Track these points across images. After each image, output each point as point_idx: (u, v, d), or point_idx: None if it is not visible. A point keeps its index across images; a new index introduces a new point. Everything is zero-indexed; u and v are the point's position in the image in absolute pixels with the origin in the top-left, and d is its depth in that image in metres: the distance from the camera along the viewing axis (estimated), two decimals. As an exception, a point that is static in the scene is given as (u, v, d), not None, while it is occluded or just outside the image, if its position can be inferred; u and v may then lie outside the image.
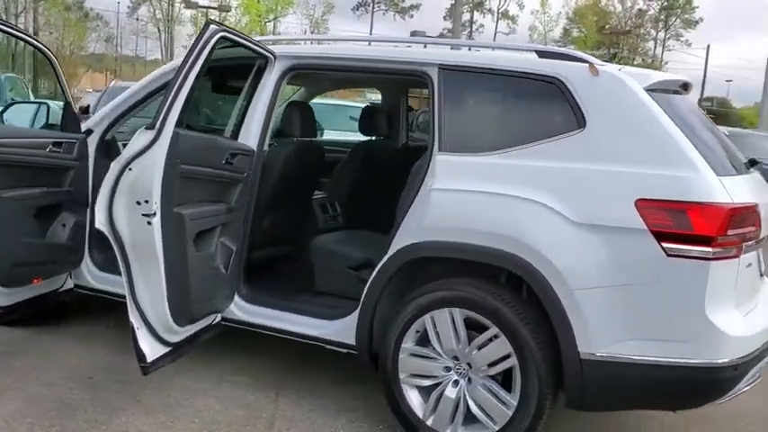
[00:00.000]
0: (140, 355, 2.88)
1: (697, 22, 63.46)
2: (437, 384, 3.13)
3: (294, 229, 4.14)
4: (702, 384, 2.78)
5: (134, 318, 2.88)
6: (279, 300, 3.57)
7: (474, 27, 66.83)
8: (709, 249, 2.68)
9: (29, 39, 4.23)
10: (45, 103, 3.99)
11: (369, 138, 4.67)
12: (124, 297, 3.44)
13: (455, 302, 3.04)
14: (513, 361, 2.94)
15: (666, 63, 66.84)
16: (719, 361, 2.74)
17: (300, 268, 3.91)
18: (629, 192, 2.79)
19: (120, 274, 2.90)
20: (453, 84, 3.24)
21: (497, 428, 2.99)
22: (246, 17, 45.67)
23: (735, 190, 2.82)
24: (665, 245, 2.71)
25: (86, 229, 3.85)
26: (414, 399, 3.18)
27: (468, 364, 3.06)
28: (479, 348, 3.02)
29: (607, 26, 61.11)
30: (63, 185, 3.73)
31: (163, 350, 3.03)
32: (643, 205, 2.75)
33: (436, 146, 3.19)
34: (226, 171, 3.32)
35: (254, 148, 3.50)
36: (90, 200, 3.78)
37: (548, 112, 3.08)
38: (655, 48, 66.62)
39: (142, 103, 4.00)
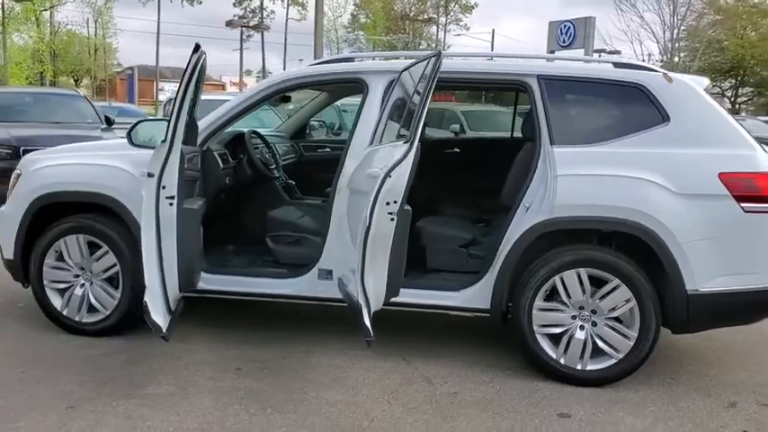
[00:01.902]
0: (366, 332, 3.37)
1: (473, 7, 69.08)
2: (566, 331, 3.94)
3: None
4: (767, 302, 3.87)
5: (362, 299, 3.36)
6: (412, 279, 4.14)
7: (264, 14, 67.43)
8: (773, 205, 3.77)
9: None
10: (167, 120, 4.16)
11: None
12: (224, 294, 4.10)
13: (582, 263, 3.87)
14: (632, 303, 3.83)
15: (449, 47, 72.00)
16: (781, 284, 3.84)
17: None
18: (713, 167, 3.78)
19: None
20: (552, 90, 4.04)
21: (621, 356, 3.87)
22: (19, 6, 42.00)
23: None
24: (742, 204, 3.74)
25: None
26: (546, 345, 3.97)
27: (593, 311, 3.90)
28: (602, 298, 3.87)
29: (392, 11, 64.37)
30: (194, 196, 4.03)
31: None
32: (724, 177, 3.76)
33: (546, 140, 3.97)
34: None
35: None
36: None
37: (636, 111, 3.97)
38: (437, 32, 71.35)
39: (241, 116, 4.36)
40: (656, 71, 4.07)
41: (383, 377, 3.98)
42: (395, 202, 3.21)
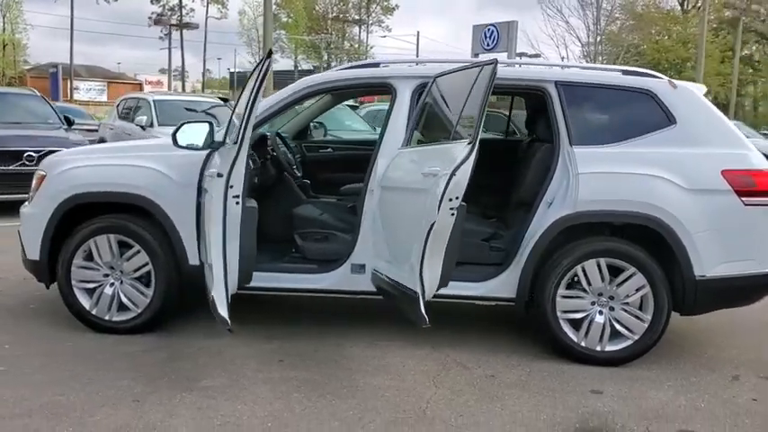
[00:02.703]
0: (422, 319, 3.62)
1: (394, 9, 70.00)
2: (586, 316, 4.29)
3: None
4: (764, 285, 4.33)
5: (419, 288, 3.61)
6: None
7: (184, 12, 66.33)
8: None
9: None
10: (211, 122, 4.27)
11: None
12: (261, 290, 4.42)
13: (602, 254, 4.23)
14: (646, 289, 4.22)
15: (372, 47, 72.79)
16: (775, 269, 4.32)
17: None
18: (716, 165, 4.21)
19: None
20: (569, 95, 4.40)
21: (637, 337, 4.26)
22: None
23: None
24: (742, 198, 4.19)
25: None
26: (568, 330, 4.31)
27: (611, 297, 4.27)
28: (619, 285, 4.25)
29: (314, 11, 64.44)
30: None
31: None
32: (726, 174, 4.20)
33: (566, 141, 4.32)
34: None
35: None
36: None
37: (645, 114, 4.36)
38: (359, 33, 71.95)
39: (272, 118, 4.54)
40: (661, 78, 4.48)
41: (420, 364, 4.23)
42: (456, 198, 3.47)
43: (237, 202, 3.58)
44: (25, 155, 8.72)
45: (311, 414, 3.51)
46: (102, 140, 11.59)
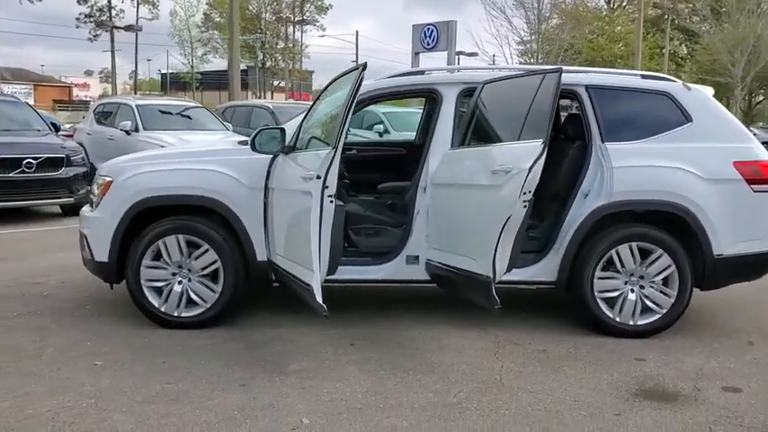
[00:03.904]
0: (494, 300, 4.08)
1: (327, 8, 70.39)
2: (620, 294, 4.83)
3: None
4: (774, 260, 4.97)
5: (491, 273, 4.06)
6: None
7: (113, 12, 64.99)
8: (773, 186, 4.86)
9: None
10: (283, 128, 4.58)
11: None
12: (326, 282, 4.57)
13: (634, 238, 4.77)
14: (672, 268, 4.78)
15: (307, 47, 72.88)
16: (785, 246, 4.95)
17: None
18: (729, 157, 4.81)
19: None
20: (598, 97, 4.92)
21: (665, 311, 4.81)
22: None
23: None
24: (752, 186, 4.80)
25: None
26: (604, 307, 4.84)
27: (641, 276, 4.82)
28: (649, 265, 4.79)
29: (247, 11, 64.12)
30: None
31: None
32: (737, 165, 4.80)
33: (598, 139, 4.85)
34: None
35: None
36: None
37: (665, 113, 4.92)
38: (294, 33, 71.97)
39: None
40: (676, 81, 5.06)
41: (476, 343, 4.68)
42: (529, 192, 3.93)
43: (332, 201, 3.94)
44: (24, 162, 8.77)
45: (404, 388, 3.92)
46: (80, 145, 11.55)
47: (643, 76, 5.14)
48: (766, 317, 5.48)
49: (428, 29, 24.99)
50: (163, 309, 4.82)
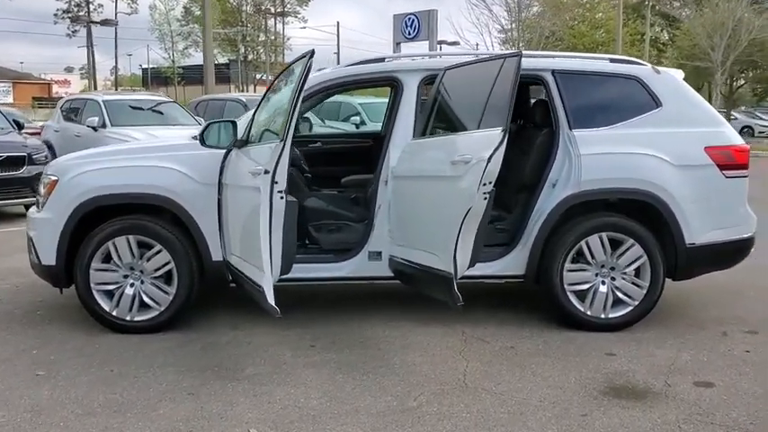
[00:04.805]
0: (456, 298, 3.88)
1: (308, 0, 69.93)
2: (591, 287, 4.65)
3: None
4: (745, 248, 4.80)
5: (452, 269, 3.86)
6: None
7: (92, 7, 64.23)
8: (745, 171, 4.69)
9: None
10: (234, 121, 4.35)
11: None
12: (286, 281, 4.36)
13: (604, 228, 4.60)
14: (643, 259, 4.61)
15: (289, 39, 72.33)
16: (751, 233, 4.79)
17: None
18: (700, 143, 4.64)
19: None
20: (565, 82, 4.73)
21: (637, 303, 4.65)
22: None
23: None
24: (724, 171, 4.63)
25: None
26: (575, 300, 4.66)
27: (612, 268, 4.65)
28: (620, 256, 4.62)
29: (228, 3, 63.53)
30: None
31: None
32: (708, 150, 4.63)
33: (566, 125, 4.66)
34: None
35: None
36: None
37: (634, 98, 4.74)
38: (276, 25, 71.45)
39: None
40: (645, 65, 4.88)
41: (443, 341, 4.50)
42: (489, 183, 3.74)
43: (282, 197, 3.74)
44: (-13, 161, 8.50)
45: (363, 392, 3.73)
46: (47, 143, 11.28)
47: (611, 60, 4.95)
48: (741, 306, 5.32)
49: (409, 18, 24.72)
50: (114, 313, 4.59)
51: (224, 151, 4.45)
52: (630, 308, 4.66)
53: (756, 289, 5.70)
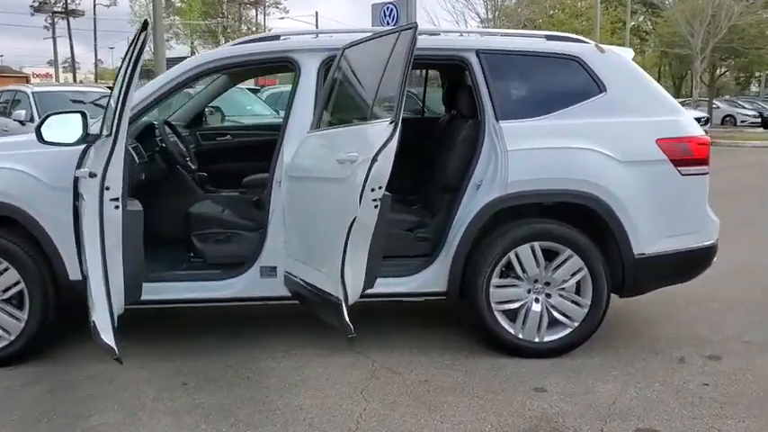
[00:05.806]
0: (347, 328, 3.14)
1: (284, -10, 68.67)
2: (523, 305, 3.93)
3: None
4: (706, 258, 4.08)
5: (342, 294, 3.12)
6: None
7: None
8: (706, 167, 3.97)
9: None
10: (84, 112, 3.58)
11: None
12: (157, 304, 3.89)
13: (536, 237, 3.87)
14: (583, 272, 3.89)
15: (270, 30, 71.02)
16: (713, 240, 4.07)
17: None
18: (650, 134, 3.91)
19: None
20: (492, 65, 3.99)
21: (577, 324, 3.93)
22: None
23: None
24: (679, 168, 3.91)
25: None
26: (503, 321, 3.94)
27: (547, 283, 3.92)
28: (555, 269, 3.90)
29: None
30: None
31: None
32: (661, 142, 3.90)
33: (492, 116, 3.92)
34: None
35: None
36: None
37: (574, 82, 4.00)
38: (257, 16, 70.21)
39: (159, 102, 3.94)
40: (587, 42, 4.14)
41: (346, 373, 3.76)
42: (379, 188, 2.99)
43: (117, 206, 2.99)
44: None
45: (223, 450, 2.99)
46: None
47: (548, 38, 4.19)
48: (703, 322, 4.61)
49: (387, 7, 23.91)
50: None
51: (81, 148, 3.67)
52: (569, 330, 3.94)
53: (720, 301, 4.98)
